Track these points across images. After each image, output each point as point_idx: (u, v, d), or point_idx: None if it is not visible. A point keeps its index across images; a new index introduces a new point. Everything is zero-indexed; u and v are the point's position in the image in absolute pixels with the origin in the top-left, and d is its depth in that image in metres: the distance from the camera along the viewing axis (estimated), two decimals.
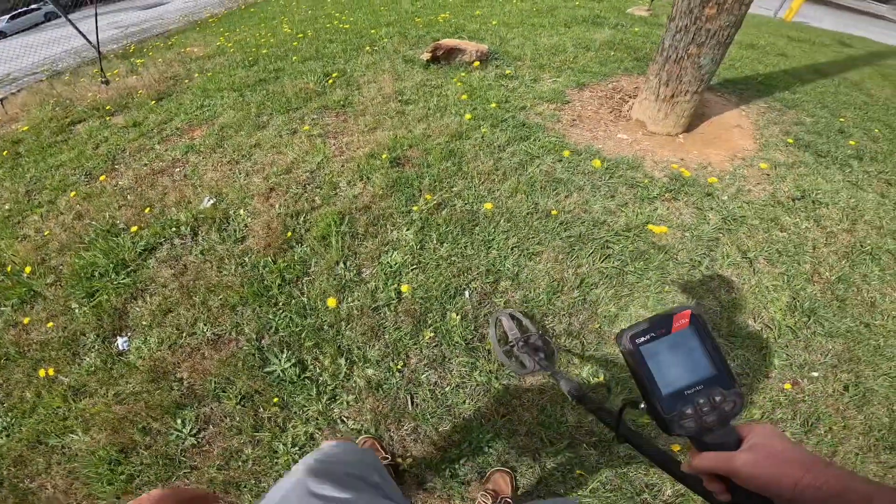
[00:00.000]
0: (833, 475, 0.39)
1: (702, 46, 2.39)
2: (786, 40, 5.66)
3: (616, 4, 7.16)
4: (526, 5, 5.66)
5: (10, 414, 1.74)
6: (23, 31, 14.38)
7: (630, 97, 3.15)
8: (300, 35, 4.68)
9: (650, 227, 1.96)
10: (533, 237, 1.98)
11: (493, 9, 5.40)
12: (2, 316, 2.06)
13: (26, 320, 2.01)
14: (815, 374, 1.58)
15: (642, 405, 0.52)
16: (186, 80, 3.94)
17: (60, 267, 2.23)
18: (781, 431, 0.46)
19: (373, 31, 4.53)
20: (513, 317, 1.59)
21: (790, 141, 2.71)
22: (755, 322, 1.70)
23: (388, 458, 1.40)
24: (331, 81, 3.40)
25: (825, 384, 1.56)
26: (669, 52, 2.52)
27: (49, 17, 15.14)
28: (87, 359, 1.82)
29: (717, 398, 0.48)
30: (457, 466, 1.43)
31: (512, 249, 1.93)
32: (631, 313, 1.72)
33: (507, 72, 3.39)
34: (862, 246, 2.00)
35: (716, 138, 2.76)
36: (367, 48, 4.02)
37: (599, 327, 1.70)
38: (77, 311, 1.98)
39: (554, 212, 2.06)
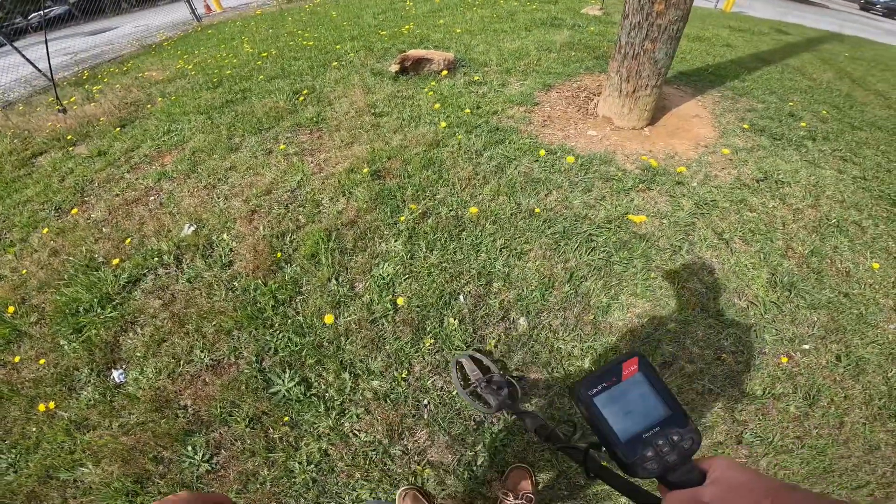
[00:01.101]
0: (798, 500, 0.40)
1: (655, 42, 2.52)
2: (728, 31, 6.00)
3: (570, 5, 7.42)
4: (486, 12, 5.79)
5: (13, 450, 1.68)
6: None
7: (594, 95, 3.28)
8: (263, 54, 4.63)
9: (629, 217, 2.05)
10: (519, 237, 2.04)
11: (454, 17, 5.50)
12: None
13: (16, 359, 1.93)
14: (806, 346, 1.69)
15: (605, 450, 0.53)
16: (149, 105, 3.83)
17: (42, 305, 2.15)
18: (739, 462, 0.48)
19: (338, 47, 4.53)
20: (473, 358, 1.62)
21: (746, 126, 2.89)
22: (740, 300, 1.81)
23: None
24: (301, 99, 3.38)
25: (818, 356, 1.67)
26: (627, 49, 2.64)
27: None
28: (85, 393, 1.78)
29: (675, 437, 0.50)
30: (474, 468, 1.46)
31: (500, 250, 1.98)
32: (622, 301, 1.80)
33: (476, 78, 3.47)
34: (828, 219, 2.16)
35: (678, 129, 2.91)
36: (335, 63, 4.02)
37: (594, 318, 1.76)
38: (66, 347, 1.92)
39: (537, 209, 2.13)
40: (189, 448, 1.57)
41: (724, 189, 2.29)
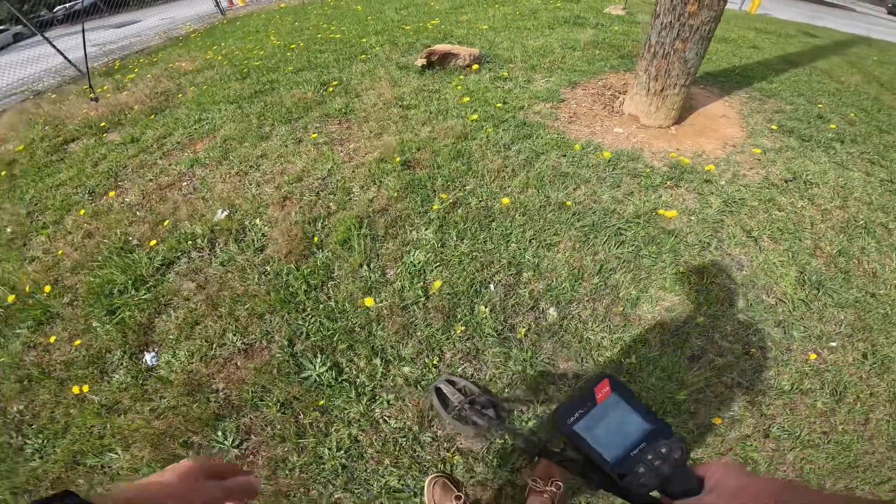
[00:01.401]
0: (806, 499, 0.40)
1: (686, 42, 2.52)
2: (755, 33, 5.94)
3: (593, 5, 7.38)
4: (508, 9, 5.79)
5: (41, 435, 1.70)
6: None
7: (620, 93, 3.28)
8: (291, 46, 4.70)
9: (660, 211, 2.06)
10: (549, 229, 2.06)
11: (477, 14, 5.52)
12: (19, 338, 2.02)
13: (52, 339, 1.98)
14: (833, 343, 1.69)
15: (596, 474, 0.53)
16: (179, 95, 3.92)
17: (76, 286, 2.19)
18: (737, 464, 0.48)
19: (363, 40, 4.58)
20: (450, 381, 1.60)
21: (774, 127, 2.87)
22: (769, 297, 1.81)
23: (460, 495, 1.35)
24: (329, 90, 3.43)
25: (844, 353, 1.67)
26: (657, 49, 2.65)
27: (18, 38, 14.70)
28: (117, 376, 1.80)
29: (664, 450, 0.50)
30: (503, 456, 1.47)
31: (530, 241, 2.01)
32: (651, 294, 1.81)
33: (502, 74, 3.49)
34: (856, 221, 2.15)
35: (705, 128, 2.90)
36: (361, 56, 4.07)
37: (623, 310, 1.78)
38: (99, 329, 1.95)
39: (567, 203, 2.14)
40: (219, 433, 1.59)
41: (752, 188, 2.29)
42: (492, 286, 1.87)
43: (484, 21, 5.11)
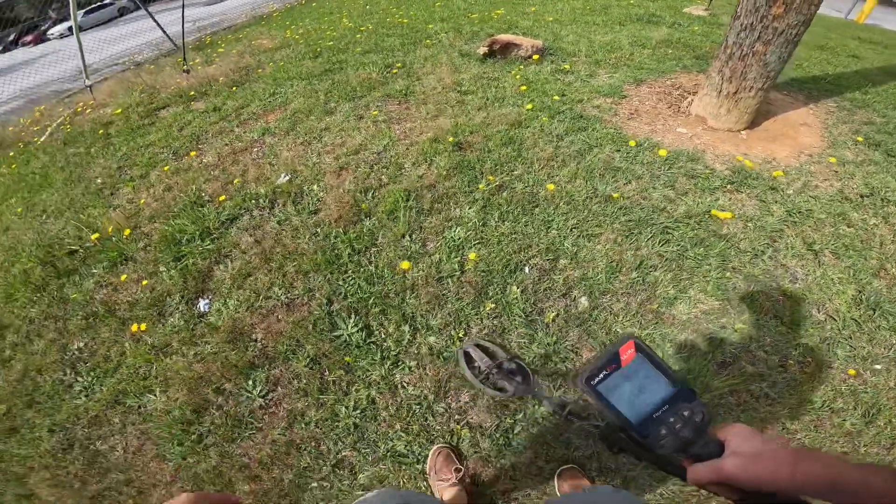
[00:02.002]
0: (823, 463, 0.41)
1: (768, 44, 2.38)
2: (857, 42, 5.37)
3: (672, 4, 7.00)
4: (578, 3, 5.66)
5: (92, 373, 1.89)
6: (98, 25, 15.65)
7: (689, 94, 3.13)
8: (360, 29, 4.92)
9: (714, 212, 1.98)
10: (592, 220, 2.04)
11: (545, 6, 5.45)
12: (93, 277, 2.28)
13: (123, 277, 2.22)
14: (878, 366, 1.56)
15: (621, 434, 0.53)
16: (259, 70, 4.24)
17: (151, 233, 2.45)
18: (754, 429, 0.48)
19: (429, 26, 4.69)
20: (479, 346, 1.60)
21: (859, 139, 2.62)
22: (819, 312, 1.70)
23: (460, 468, 1.38)
24: (393, 72, 3.57)
25: (888, 377, 1.54)
26: (733, 50, 2.52)
27: (122, 12, 16.31)
28: (171, 319, 1.98)
29: (686, 413, 0.50)
30: (511, 436, 1.48)
31: (571, 230, 2.00)
32: (690, 296, 1.76)
33: (564, 66, 3.45)
34: None
35: (781, 135, 2.71)
36: (426, 42, 4.18)
37: (658, 308, 1.74)
38: (165, 273, 2.17)
39: (615, 195, 2.11)
40: (250, 382, 1.70)
41: (822, 200, 2.12)
42: (527, 268, 1.89)
43: (551, 13, 5.03)
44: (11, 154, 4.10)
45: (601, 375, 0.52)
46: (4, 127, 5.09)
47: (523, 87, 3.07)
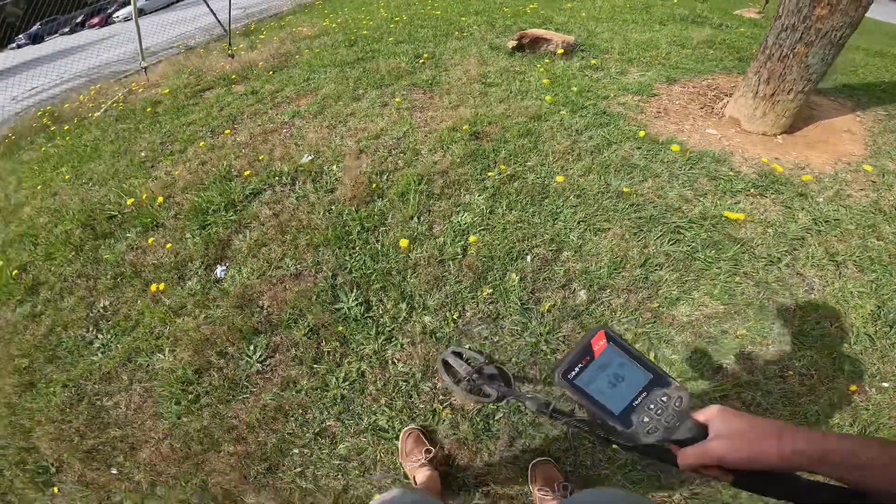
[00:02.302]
0: (808, 438, 0.42)
1: (811, 46, 2.26)
2: None
3: (721, 5, 6.73)
4: (619, 1, 5.51)
5: (112, 331, 2.03)
6: (158, 9, 16.61)
7: (725, 95, 3.01)
8: (396, 19, 5.01)
9: (726, 213, 1.91)
10: (601, 214, 2.01)
11: (583, 2, 5.34)
12: (126, 241, 2.46)
13: (150, 241, 2.39)
14: (886, 384, 1.46)
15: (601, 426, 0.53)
16: (297, 56, 4.41)
17: (182, 203, 2.62)
18: (732, 409, 0.48)
19: (462, 19, 4.71)
20: (456, 353, 1.59)
21: None
22: (831, 326, 1.60)
23: (430, 449, 1.41)
24: (421, 62, 3.62)
25: (893, 396, 1.44)
26: (773, 50, 2.41)
27: None
28: (190, 283, 2.12)
29: (664, 399, 0.50)
30: (491, 422, 1.50)
31: (578, 223, 1.98)
32: (694, 298, 1.70)
33: (593, 62, 3.39)
34: None
35: (820, 141, 2.55)
36: (456, 34, 4.21)
37: (658, 307, 1.70)
38: (190, 240, 2.31)
39: (626, 189, 2.07)
40: (251, 347, 1.79)
41: (854, 210, 1.99)
42: (529, 258, 1.89)
43: (588, 10, 4.93)
44: (67, 128, 4.45)
45: (577, 369, 0.52)
46: (63, 103, 5.53)
47: (545, 81, 3.04)
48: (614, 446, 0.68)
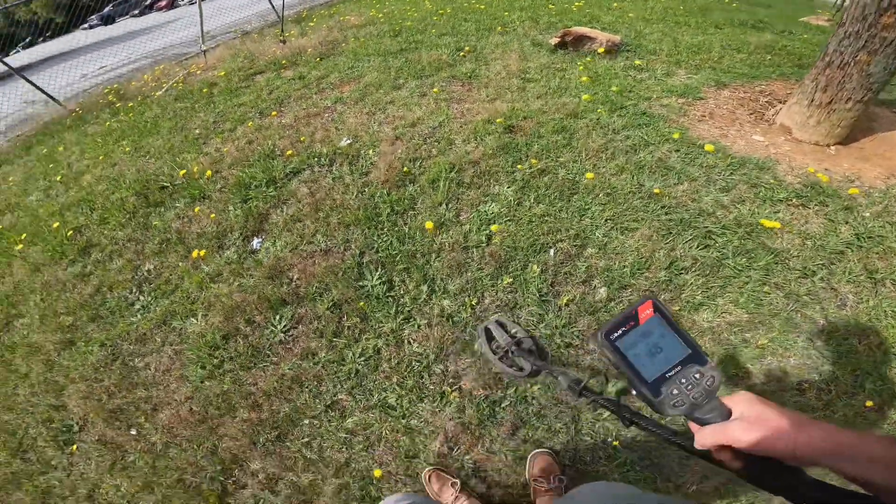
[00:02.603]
0: (824, 430, 0.43)
1: (874, 54, 2.15)
2: None
3: (787, 12, 6.38)
4: (673, 3, 5.32)
5: (153, 294, 2.17)
6: None
7: (779, 102, 2.88)
8: (440, 12, 5.07)
9: (762, 221, 1.84)
10: (630, 214, 1.99)
11: (634, 3, 5.20)
12: (175, 210, 2.64)
13: (196, 210, 2.57)
14: None
15: (634, 392, 0.55)
16: (343, 45, 4.55)
17: (228, 178, 2.79)
18: (760, 397, 0.49)
19: (506, 14, 4.71)
20: (499, 323, 1.61)
21: None
22: (859, 343, 1.53)
23: (456, 481, 1.38)
24: (462, 55, 3.66)
25: None
26: (833, 58, 2.31)
27: None
28: (228, 252, 2.25)
29: (697, 375, 0.51)
30: (497, 409, 1.52)
31: (606, 221, 1.98)
32: (718, 304, 1.67)
33: (637, 63, 3.31)
34: None
35: (877, 155, 2.40)
36: (499, 29, 4.21)
37: (679, 310, 1.68)
38: (232, 212, 2.46)
39: (657, 190, 2.04)
40: (277, 317, 1.88)
41: None
42: (552, 251, 1.91)
43: (639, 11, 4.80)
44: (130, 105, 4.80)
45: (619, 332, 0.53)
46: (129, 82, 5.94)
47: (584, 79, 3.00)
48: (636, 428, 0.70)
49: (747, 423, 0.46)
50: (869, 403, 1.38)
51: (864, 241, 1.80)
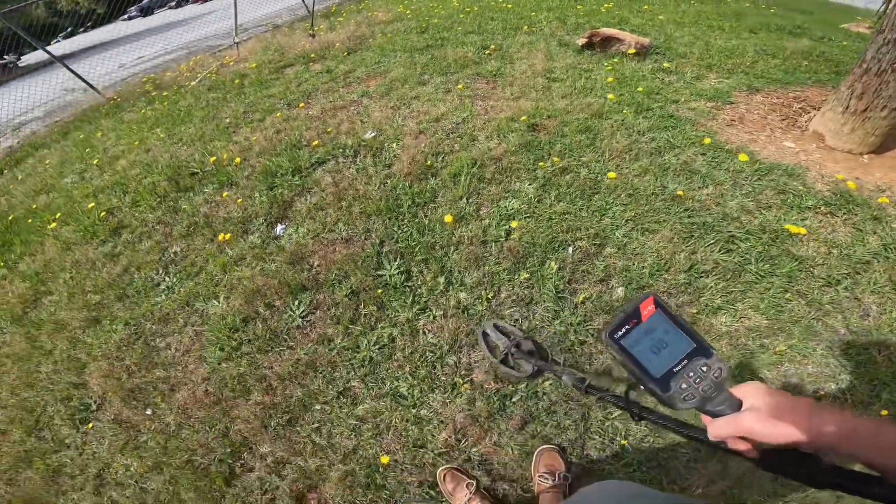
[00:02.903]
0: (838, 418, 0.42)
1: None
2: None
3: (827, 18, 6.18)
4: (707, 7, 5.21)
5: (178, 275, 2.24)
6: None
7: (813, 108, 2.81)
8: (467, 10, 5.10)
9: (788, 227, 1.81)
10: (651, 216, 1.98)
11: (665, 6, 5.11)
12: (204, 194, 2.74)
13: (224, 195, 2.65)
14: None
15: (643, 388, 0.55)
16: (370, 40, 4.63)
17: (255, 165, 2.88)
18: (768, 385, 0.49)
19: (533, 14, 4.70)
20: (497, 327, 1.61)
21: None
22: (878, 354, 1.49)
23: (471, 482, 1.36)
24: (487, 53, 3.68)
25: None
26: (871, 65, 2.25)
27: None
28: (252, 237, 2.32)
29: (704, 368, 0.52)
30: (507, 403, 1.54)
31: (626, 221, 1.97)
32: (737, 309, 1.65)
33: (666, 65, 3.27)
34: None
35: None
36: (525, 28, 4.21)
37: (696, 313, 1.66)
38: (257, 198, 2.54)
39: (680, 192, 2.02)
40: (296, 302, 1.92)
41: None
42: (570, 249, 1.91)
43: (671, 14, 4.72)
44: (165, 94, 4.97)
45: (623, 330, 0.54)
46: (165, 72, 6.15)
47: (610, 80, 2.98)
48: (645, 423, 0.71)
49: (760, 413, 0.46)
50: (884, 413, 1.35)
51: (891, 252, 1.75)
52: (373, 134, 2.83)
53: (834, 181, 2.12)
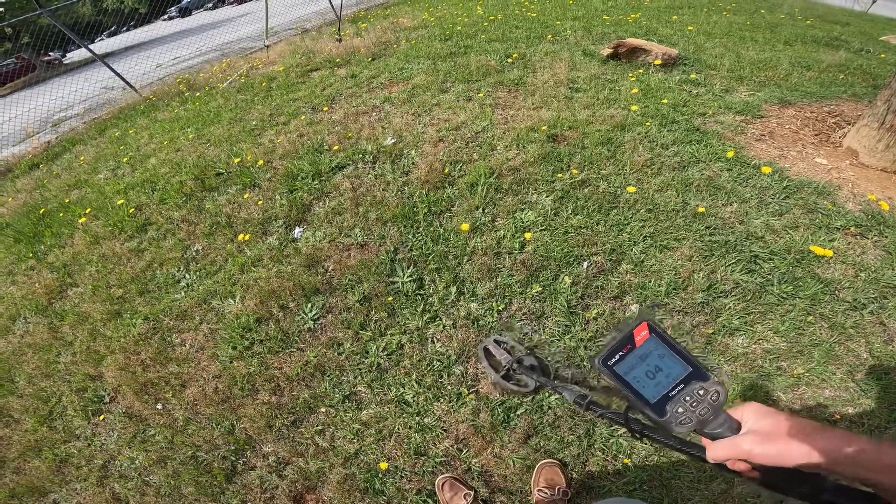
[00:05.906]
0: (839, 438, 0.42)
1: None
2: None
3: (866, 29, 5.94)
4: (740, 18, 5.08)
5: (198, 273, 2.31)
6: None
7: (848, 124, 2.70)
8: (491, 18, 5.10)
9: (813, 248, 1.75)
10: (671, 232, 1.94)
11: (695, 17, 5.00)
12: (227, 195, 2.82)
13: (246, 195, 2.73)
14: None
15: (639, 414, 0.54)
16: (395, 46, 4.68)
17: (278, 168, 2.95)
18: (767, 406, 0.48)
19: (558, 23, 4.67)
20: (497, 342, 1.60)
21: None
22: None
23: (469, 493, 1.36)
24: (510, 61, 3.68)
25: None
26: None
27: None
28: (270, 239, 2.38)
29: (700, 392, 0.51)
30: (511, 416, 1.53)
31: (644, 238, 1.94)
32: (756, 331, 1.60)
33: (693, 77, 3.20)
34: None
35: None
36: (549, 37, 4.19)
37: (713, 333, 1.62)
38: (278, 201, 2.60)
39: (701, 209, 1.97)
40: (308, 305, 1.95)
41: None
42: (585, 263, 1.89)
43: (702, 25, 4.61)
44: (198, 94, 5.15)
45: (617, 357, 0.54)
46: (199, 73, 6.38)
47: (634, 91, 2.94)
48: (646, 441, 0.71)
49: (760, 435, 0.46)
50: None
51: None
52: (392, 140, 2.86)
53: (866, 201, 2.03)
